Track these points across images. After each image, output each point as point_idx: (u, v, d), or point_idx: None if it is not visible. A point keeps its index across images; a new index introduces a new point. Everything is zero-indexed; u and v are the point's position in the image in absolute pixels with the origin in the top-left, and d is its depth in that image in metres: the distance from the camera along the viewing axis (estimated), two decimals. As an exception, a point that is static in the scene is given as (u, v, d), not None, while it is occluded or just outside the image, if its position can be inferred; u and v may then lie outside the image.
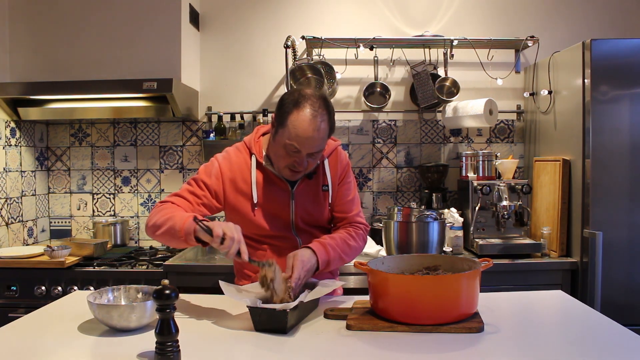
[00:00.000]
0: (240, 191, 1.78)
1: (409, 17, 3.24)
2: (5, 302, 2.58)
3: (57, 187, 3.32)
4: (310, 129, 1.61)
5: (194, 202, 1.73)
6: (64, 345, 1.35)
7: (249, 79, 3.27)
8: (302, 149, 1.63)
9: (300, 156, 1.65)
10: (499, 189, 2.72)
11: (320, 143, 1.67)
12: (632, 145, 2.51)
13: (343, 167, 1.87)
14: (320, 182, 1.82)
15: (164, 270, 2.57)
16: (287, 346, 1.35)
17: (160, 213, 1.66)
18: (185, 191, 1.76)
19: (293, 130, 1.62)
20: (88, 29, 2.92)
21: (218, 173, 1.78)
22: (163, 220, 1.62)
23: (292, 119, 1.62)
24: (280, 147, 1.67)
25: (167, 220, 1.60)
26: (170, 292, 1.21)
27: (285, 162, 1.69)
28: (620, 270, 2.51)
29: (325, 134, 1.66)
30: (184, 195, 1.74)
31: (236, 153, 1.82)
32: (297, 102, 1.63)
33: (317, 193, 1.82)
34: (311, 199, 1.82)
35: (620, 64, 2.51)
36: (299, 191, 1.80)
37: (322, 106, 1.64)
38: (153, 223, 1.66)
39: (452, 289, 1.45)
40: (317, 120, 1.62)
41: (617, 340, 1.38)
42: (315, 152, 1.67)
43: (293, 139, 1.62)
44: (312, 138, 1.62)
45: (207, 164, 1.83)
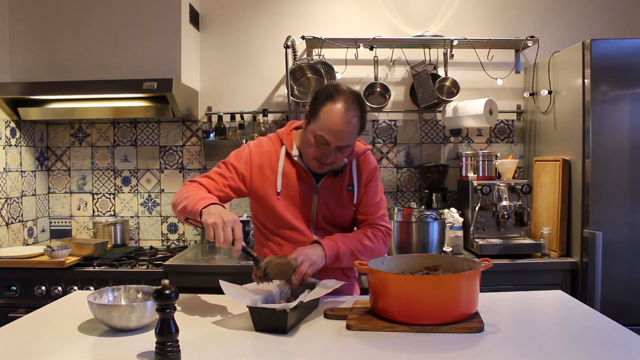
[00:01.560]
0: (266, 178, 1.80)
1: (409, 17, 3.24)
2: (5, 302, 2.58)
3: (57, 187, 3.32)
4: (341, 122, 1.63)
5: (220, 183, 1.77)
6: (64, 345, 1.35)
7: (249, 79, 3.27)
8: (331, 141, 1.65)
9: (329, 148, 1.67)
10: (499, 189, 2.72)
11: (350, 137, 1.68)
12: (632, 145, 2.51)
13: (371, 170, 1.88)
14: (345, 182, 1.83)
15: (164, 270, 2.57)
16: (287, 346, 1.35)
17: (182, 191, 1.73)
18: (213, 173, 1.81)
19: (325, 122, 1.64)
20: (88, 29, 2.92)
21: (248, 158, 1.82)
22: (182, 198, 1.68)
23: (324, 111, 1.65)
24: (311, 138, 1.69)
25: (185, 199, 1.66)
26: (170, 292, 1.21)
27: (314, 153, 1.70)
28: (620, 270, 2.51)
29: (356, 129, 1.68)
30: (212, 177, 1.79)
31: (267, 142, 1.86)
32: (331, 95, 1.66)
33: (341, 192, 1.83)
34: (335, 197, 1.83)
35: (620, 64, 2.51)
36: (323, 187, 1.81)
37: (355, 102, 1.67)
38: (174, 201, 1.73)
39: (452, 289, 1.45)
40: (349, 115, 1.64)
41: (617, 340, 1.38)
42: (344, 145, 1.68)
43: (324, 130, 1.65)
44: (342, 131, 1.64)
45: (238, 149, 1.88)
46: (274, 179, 1.79)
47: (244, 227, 3.12)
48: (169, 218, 3.31)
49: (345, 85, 1.72)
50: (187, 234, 3.30)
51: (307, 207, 1.81)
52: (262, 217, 1.86)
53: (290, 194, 1.80)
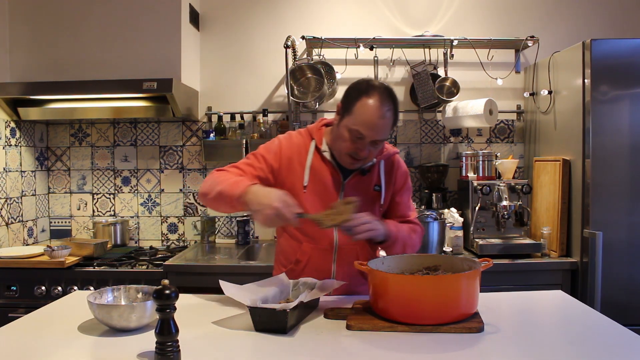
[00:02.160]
0: (294, 171, 1.79)
1: (409, 17, 3.24)
2: (5, 302, 2.58)
3: (57, 187, 3.32)
4: (376, 116, 1.64)
5: (249, 173, 1.75)
6: (64, 345, 1.35)
7: (249, 79, 3.27)
8: (367, 135, 1.65)
9: (364, 143, 1.67)
10: (499, 189, 2.72)
11: (385, 131, 1.68)
12: (632, 145, 2.51)
13: (403, 174, 1.91)
14: (373, 182, 1.84)
15: (164, 270, 2.57)
16: (287, 346, 1.35)
17: (212, 178, 1.72)
18: (242, 163, 1.80)
19: (359, 116, 1.65)
20: (88, 29, 2.92)
21: (277, 150, 1.81)
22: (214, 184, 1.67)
23: (359, 105, 1.65)
24: (345, 133, 1.69)
25: (219, 183, 1.66)
26: (170, 292, 1.21)
27: (348, 148, 1.70)
28: (620, 270, 2.51)
29: (390, 123, 1.68)
30: (240, 167, 1.78)
31: (297, 136, 1.86)
32: (365, 90, 1.66)
33: (367, 191, 1.83)
34: (361, 195, 1.81)
35: (620, 64, 2.51)
36: (350, 184, 1.80)
37: (389, 96, 1.67)
38: (204, 191, 1.72)
39: (452, 289, 1.45)
40: (384, 109, 1.64)
41: (617, 340, 1.38)
42: (378, 139, 1.68)
43: (359, 124, 1.65)
44: (377, 125, 1.65)
45: (268, 142, 1.87)
46: (301, 172, 1.79)
47: (244, 227, 3.12)
48: (168, 218, 3.31)
49: (378, 81, 1.73)
50: (187, 234, 3.30)
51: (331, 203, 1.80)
52: None
53: (317, 188, 1.79)
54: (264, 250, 3.12)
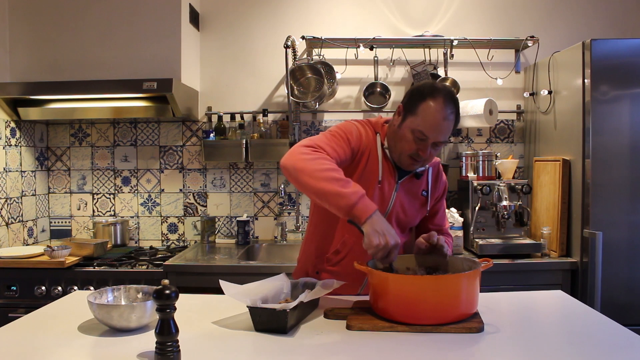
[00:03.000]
0: (369, 163, 1.77)
1: (409, 17, 3.24)
2: (5, 302, 2.58)
3: (57, 187, 3.33)
4: (441, 117, 1.65)
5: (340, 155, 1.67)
6: (64, 345, 1.35)
7: (249, 79, 3.27)
8: (430, 136, 1.66)
9: (426, 144, 1.68)
10: (499, 189, 2.72)
11: (447, 133, 1.69)
12: (632, 145, 2.51)
13: (444, 183, 1.94)
14: (422, 187, 1.85)
15: (164, 270, 2.57)
16: (287, 346, 1.35)
17: (323, 162, 1.57)
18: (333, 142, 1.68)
19: (424, 117, 1.65)
20: (88, 29, 2.92)
21: (359, 134, 1.76)
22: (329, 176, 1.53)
23: (424, 107, 1.66)
24: (408, 134, 1.68)
25: (336, 180, 1.53)
26: (170, 292, 1.21)
27: (410, 150, 1.69)
28: (620, 270, 2.51)
29: (452, 125, 1.69)
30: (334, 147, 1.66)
31: (366, 126, 1.82)
32: (429, 93, 1.67)
33: (417, 195, 1.84)
34: (411, 198, 1.83)
35: (620, 64, 2.51)
36: (403, 185, 1.80)
37: (452, 99, 1.68)
38: (311, 170, 1.55)
39: (452, 289, 1.45)
40: (447, 111, 1.65)
41: (617, 340, 1.38)
42: (440, 141, 1.69)
43: (422, 125, 1.65)
44: (441, 126, 1.65)
45: (343, 123, 1.79)
46: (373, 164, 1.77)
47: (244, 227, 3.12)
48: (168, 218, 3.31)
49: (442, 84, 1.74)
50: (187, 234, 3.30)
51: (385, 201, 1.79)
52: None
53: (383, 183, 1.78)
54: (264, 250, 3.13)
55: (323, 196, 1.54)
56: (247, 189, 3.28)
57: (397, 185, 1.79)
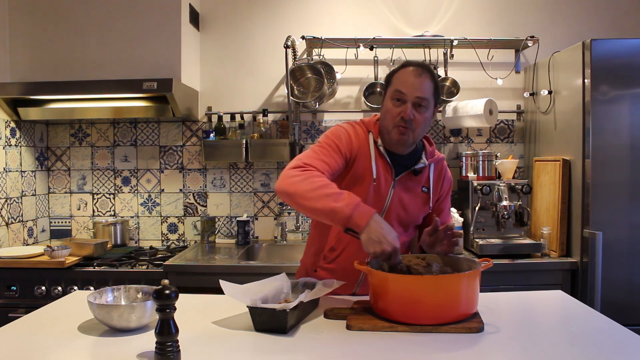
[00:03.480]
0: (361, 163, 1.78)
1: (409, 17, 3.24)
2: (5, 302, 2.58)
3: (57, 187, 3.32)
4: (413, 75, 1.70)
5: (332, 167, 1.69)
6: (64, 345, 1.35)
7: (249, 79, 3.27)
8: (407, 92, 1.68)
9: (406, 106, 1.69)
10: (499, 189, 2.72)
11: (425, 90, 1.69)
12: (632, 145, 2.51)
13: (449, 180, 1.93)
14: (421, 183, 1.84)
15: (164, 270, 2.57)
16: (287, 346, 1.35)
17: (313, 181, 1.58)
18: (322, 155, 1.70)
19: (398, 79, 1.72)
20: (88, 29, 2.92)
21: (348, 138, 1.77)
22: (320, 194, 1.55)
23: (396, 75, 1.74)
24: (388, 102, 1.73)
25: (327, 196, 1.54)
26: (170, 292, 1.21)
27: (393, 117, 1.71)
28: (620, 270, 2.51)
29: (430, 85, 1.71)
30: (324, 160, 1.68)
31: (357, 127, 1.84)
32: (402, 65, 1.75)
33: (416, 191, 1.83)
34: (411, 194, 1.82)
35: (620, 64, 2.51)
36: (401, 181, 1.80)
37: (426, 68, 1.74)
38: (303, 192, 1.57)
39: (452, 289, 1.45)
40: (420, 71, 1.71)
41: (617, 340, 1.38)
42: (420, 97, 1.69)
43: (399, 85, 1.70)
44: (415, 83, 1.69)
45: (332, 129, 1.81)
46: (367, 164, 1.78)
47: (244, 227, 3.12)
48: (168, 218, 3.31)
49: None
50: (187, 234, 3.30)
51: (382, 198, 1.79)
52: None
53: (378, 181, 1.78)
54: (264, 250, 3.13)
55: (319, 215, 1.57)
56: (247, 189, 3.28)
57: (395, 182, 1.79)
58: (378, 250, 1.48)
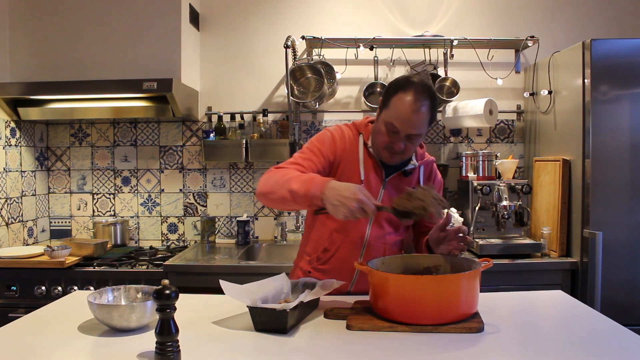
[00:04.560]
0: (347, 164, 1.79)
1: (409, 17, 3.24)
2: (5, 302, 2.58)
3: (57, 187, 3.32)
4: (410, 110, 1.66)
5: (309, 169, 1.72)
6: (64, 345, 1.35)
7: (249, 79, 3.27)
8: (401, 129, 1.67)
9: (399, 137, 1.69)
10: (499, 189, 2.72)
11: (419, 126, 1.69)
12: (632, 145, 2.51)
13: (439, 182, 1.95)
14: (412, 184, 1.85)
15: (164, 270, 2.57)
16: (287, 346, 1.35)
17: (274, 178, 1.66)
18: (300, 158, 1.75)
19: (394, 110, 1.68)
20: (88, 29, 2.92)
21: (332, 141, 1.80)
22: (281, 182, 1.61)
23: (395, 100, 1.68)
24: (382, 127, 1.71)
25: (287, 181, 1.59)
26: (170, 292, 1.21)
27: (384, 142, 1.72)
28: (620, 270, 2.51)
29: (426, 118, 1.69)
30: (299, 162, 1.74)
31: (346, 129, 1.85)
32: (402, 86, 1.69)
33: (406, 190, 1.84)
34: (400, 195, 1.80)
35: (620, 64, 2.51)
36: (391, 182, 1.82)
37: (425, 92, 1.68)
38: (265, 190, 1.66)
39: (452, 289, 1.45)
40: (418, 104, 1.66)
41: (617, 340, 1.38)
42: (413, 134, 1.69)
43: (393, 118, 1.67)
44: (411, 120, 1.66)
45: (318, 134, 1.84)
46: (354, 166, 1.79)
47: (244, 227, 3.12)
48: (168, 218, 3.31)
49: (418, 77, 1.74)
50: (187, 234, 3.30)
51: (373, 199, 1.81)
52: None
53: (366, 183, 1.79)
54: (264, 250, 3.13)
55: (286, 202, 1.60)
56: (247, 189, 3.28)
57: (385, 183, 1.81)
58: (344, 211, 1.46)
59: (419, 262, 1.69)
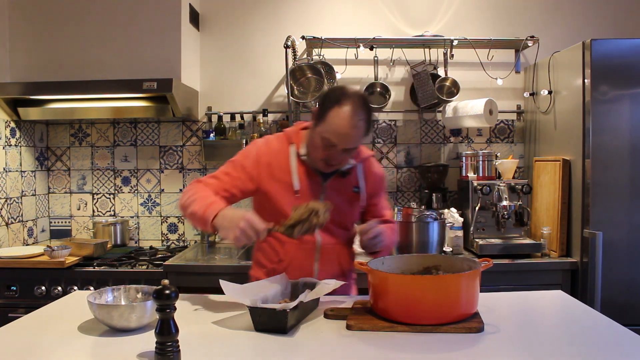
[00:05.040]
0: (276, 178, 1.81)
1: (409, 17, 3.24)
2: (5, 302, 2.58)
3: (57, 187, 3.32)
4: (348, 126, 1.66)
5: (227, 183, 1.78)
6: (64, 345, 1.35)
7: (249, 79, 3.27)
8: (338, 143, 1.68)
9: (336, 150, 1.70)
10: (499, 189, 2.72)
11: (356, 140, 1.72)
12: (632, 145, 2.51)
13: (380, 177, 1.97)
14: (351, 183, 1.87)
15: (164, 270, 2.57)
16: (287, 346, 1.35)
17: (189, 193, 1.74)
18: (221, 173, 1.81)
19: (332, 125, 1.68)
20: (88, 29, 2.92)
21: (256, 156, 1.82)
22: (189, 201, 1.71)
23: (332, 115, 1.68)
24: (318, 140, 1.72)
25: (192, 202, 1.69)
26: (170, 292, 1.21)
27: (321, 155, 1.74)
28: (620, 270, 2.51)
29: (362, 132, 1.71)
30: (219, 176, 1.80)
31: (275, 141, 1.87)
32: (338, 99, 1.69)
33: (347, 192, 1.87)
34: (341, 196, 1.86)
35: (620, 64, 2.51)
36: (330, 186, 1.83)
37: (362, 105, 1.70)
38: (182, 203, 1.74)
39: (452, 289, 1.45)
40: (356, 118, 1.67)
41: (617, 340, 1.38)
42: (350, 148, 1.72)
43: (331, 133, 1.68)
44: (349, 135, 1.68)
45: (246, 148, 1.89)
46: (286, 179, 1.80)
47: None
48: (168, 218, 3.30)
49: (353, 88, 1.76)
50: (187, 234, 3.30)
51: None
52: (269, 216, 1.82)
53: (303, 192, 1.81)
54: (264, 250, 3.12)
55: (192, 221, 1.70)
56: (247, 189, 3.28)
57: (324, 188, 1.83)
58: (230, 236, 1.55)
59: (419, 262, 1.69)
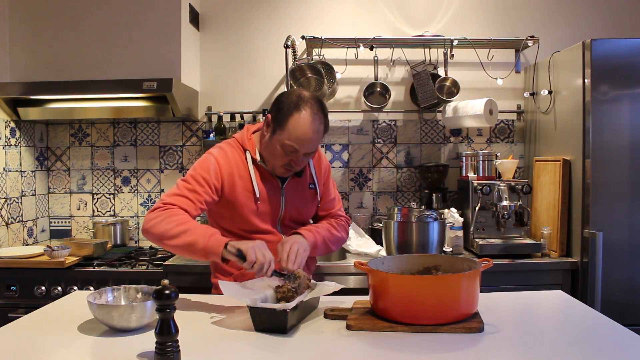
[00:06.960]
0: (238, 186, 1.81)
1: (409, 17, 3.24)
2: (5, 302, 2.58)
3: (57, 187, 3.32)
4: (310, 131, 1.69)
5: (197, 201, 1.73)
6: (64, 345, 1.35)
7: (249, 79, 3.27)
8: (300, 149, 1.71)
9: (298, 156, 1.73)
10: (499, 189, 2.72)
11: (318, 143, 1.76)
12: (632, 145, 2.50)
13: (326, 168, 1.99)
14: (307, 181, 1.91)
15: (164, 270, 2.57)
16: (287, 346, 1.35)
17: (170, 220, 1.64)
18: (185, 190, 1.74)
19: (293, 132, 1.69)
20: (88, 29, 2.92)
21: (216, 167, 1.80)
22: (178, 231, 1.61)
23: (292, 122, 1.69)
24: (278, 147, 1.72)
25: (183, 232, 1.61)
26: (170, 292, 1.21)
27: (282, 162, 1.75)
28: (620, 270, 2.51)
29: (322, 134, 1.75)
30: (186, 195, 1.72)
31: (230, 149, 1.86)
32: (296, 105, 1.70)
33: (304, 190, 1.91)
34: (299, 195, 1.89)
35: (620, 64, 2.51)
36: (288, 187, 1.87)
37: (319, 109, 1.72)
38: (163, 232, 1.63)
39: (452, 289, 1.45)
40: (316, 123, 1.70)
41: (617, 340, 1.38)
42: (312, 152, 1.76)
43: (293, 140, 1.69)
44: (311, 139, 1.70)
45: (201, 159, 1.83)
46: (247, 186, 1.80)
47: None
48: (169, 218, 3.30)
49: (305, 91, 1.76)
50: (187, 234, 3.30)
51: (275, 208, 1.85)
52: (229, 223, 1.84)
53: (263, 197, 1.82)
54: (264, 250, 3.12)
55: (182, 251, 1.63)
56: (247, 189, 3.28)
57: (283, 190, 1.85)
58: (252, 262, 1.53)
59: (419, 262, 1.69)
